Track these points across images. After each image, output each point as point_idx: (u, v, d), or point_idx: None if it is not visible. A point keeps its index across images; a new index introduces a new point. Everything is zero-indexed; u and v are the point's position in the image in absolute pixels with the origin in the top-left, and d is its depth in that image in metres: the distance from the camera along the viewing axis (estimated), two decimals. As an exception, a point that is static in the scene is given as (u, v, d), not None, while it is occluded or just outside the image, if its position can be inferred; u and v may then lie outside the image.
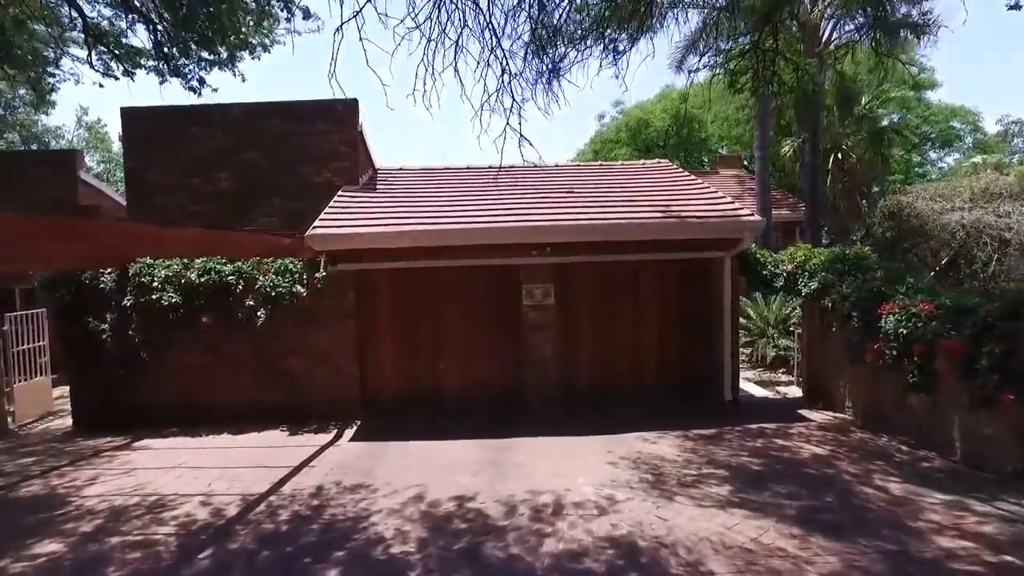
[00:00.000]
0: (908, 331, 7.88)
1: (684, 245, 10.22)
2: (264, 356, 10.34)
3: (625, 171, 13.36)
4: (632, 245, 10.13)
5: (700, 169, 24.27)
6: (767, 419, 9.57)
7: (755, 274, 10.44)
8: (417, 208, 10.64)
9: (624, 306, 10.73)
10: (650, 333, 10.76)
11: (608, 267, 10.56)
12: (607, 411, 10.11)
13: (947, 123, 27.87)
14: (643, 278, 10.71)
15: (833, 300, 9.48)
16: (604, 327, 10.70)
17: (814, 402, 10.52)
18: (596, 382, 10.71)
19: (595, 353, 10.70)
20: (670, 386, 10.74)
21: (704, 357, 10.76)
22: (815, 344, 10.59)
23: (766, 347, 14.88)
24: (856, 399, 9.47)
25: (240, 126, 12.00)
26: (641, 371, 10.75)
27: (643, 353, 10.76)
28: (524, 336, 10.37)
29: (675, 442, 8.54)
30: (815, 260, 10.28)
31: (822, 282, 9.80)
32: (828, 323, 10.03)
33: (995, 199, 17.81)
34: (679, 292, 10.77)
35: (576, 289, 10.62)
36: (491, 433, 9.17)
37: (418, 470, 7.64)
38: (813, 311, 10.55)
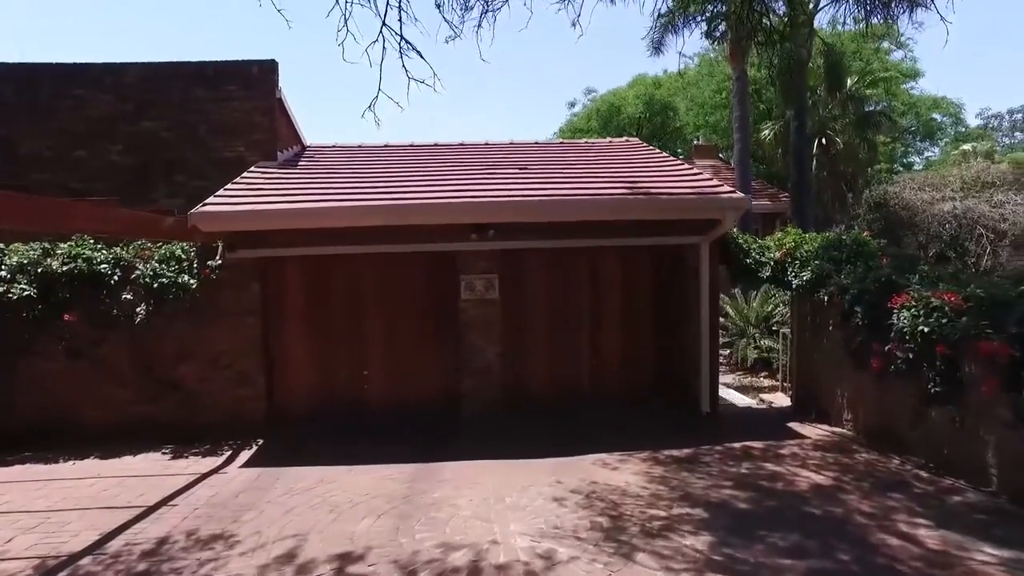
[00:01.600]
0: (929, 328, 6.20)
1: (654, 228, 8.50)
2: (147, 362, 8.38)
3: (590, 149, 11.61)
4: (593, 228, 8.38)
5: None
6: (752, 435, 7.85)
7: (737, 263, 8.73)
8: (341, 187, 8.77)
9: (584, 301, 8.96)
10: (615, 333, 9.00)
11: (564, 255, 8.80)
12: (562, 426, 8.33)
13: (929, 115, 26.72)
14: (606, 268, 8.95)
15: (830, 293, 7.81)
16: (560, 326, 8.92)
17: (805, 413, 8.84)
18: (550, 391, 8.93)
19: (549, 357, 8.92)
20: (638, 395, 8.99)
21: (678, 361, 9.04)
22: (807, 345, 8.92)
23: (747, 348, 13.24)
24: (858, 411, 7.79)
25: (136, 89, 10.04)
26: (604, 378, 8.99)
27: (607, 357, 8.99)
28: (463, 337, 8.55)
29: (641, 467, 6.77)
30: (807, 247, 8.61)
31: (816, 272, 8.13)
32: (823, 320, 8.35)
33: (987, 188, 16.40)
34: (649, 285, 9.03)
35: (526, 281, 8.84)
36: (417, 455, 7.35)
37: (306, 511, 5.78)
38: (804, 307, 8.88)
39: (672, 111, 23.68)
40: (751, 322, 13.89)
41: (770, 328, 13.59)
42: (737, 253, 8.71)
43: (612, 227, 8.47)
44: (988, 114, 28.99)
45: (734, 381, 12.53)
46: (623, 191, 8.17)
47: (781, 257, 8.56)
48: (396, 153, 11.31)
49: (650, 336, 9.01)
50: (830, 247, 8.45)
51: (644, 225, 8.45)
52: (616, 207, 7.93)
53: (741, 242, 8.81)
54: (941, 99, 26.67)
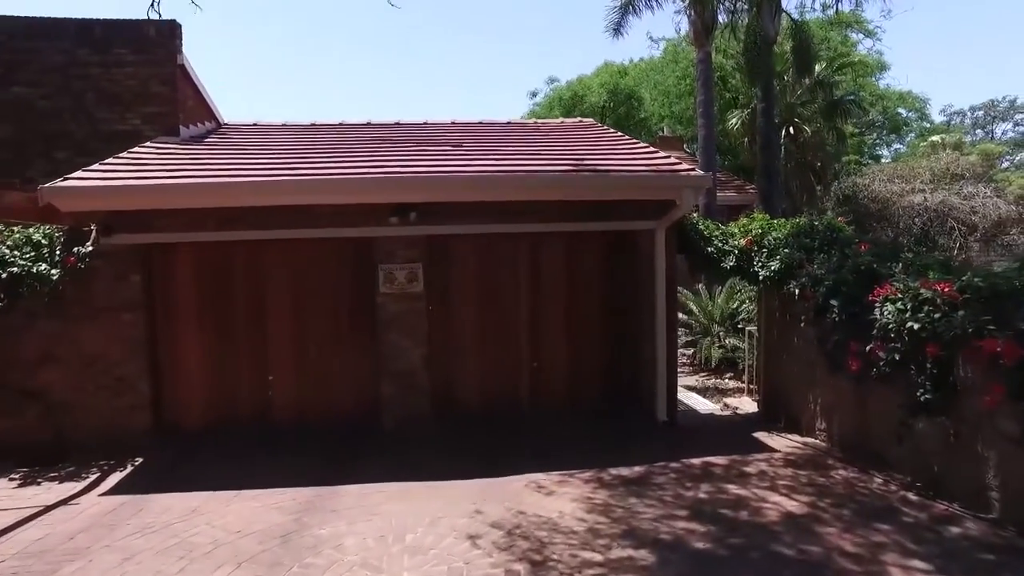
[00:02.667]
0: (919, 324, 5.18)
1: (603, 211, 7.40)
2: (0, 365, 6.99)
3: (538, 129, 10.47)
4: (533, 210, 7.25)
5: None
6: (714, 448, 6.79)
7: (697, 252, 7.66)
8: (246, 163, 7.47)
9: (524, 295, 7.82)
10: (559, 331, 7.87)
11: (501, 242, 7.64)
12: (496, 439, 7.17)
13: (895, 109, 26.28)
14: (550, 257, 7.82)
15: (802, 285, 6.78)
16: (496, 324, 7.77)
17: (773, 420, 7.82)
18: (484, 398, 7.77)
19: (484, 359, 7.76)
20: (586, 402, 7.89)
21: (631, 363, 7.95)
22: (775, 344, 7.90)
23: (711, 348, 12.24)
24: (834, 420, 6.78)
25: (5, 48, 8.58)
26: (547, 382, 7.86)
27: (550, 358, 7.86)
28: (382, 336, 7.33)
29: (582, 491, 5.65)
30: (775, 234, 7.59)
31: (786, 261, 7.10)
32: (794, 317, 7.33)
33: (957, 180, 15.75)
34: (599, 276, 7.92)
35: (457, 272, 7.66)
36: (320, 475, 6.12)
37: (149, 558, 4.51)
38: (772, 301, 7.86)
39: (637, 100, 22.74)
40: (715, 319, 12.90)
41: (736, 326, 12.63)
42: (697, 241, 7.65)
43: (556, 210, 7.35)
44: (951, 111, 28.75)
45: (697, 383, 11.52)
46: (567, 167, 7.04)
47: (747, 245, 7.52)
48: (322, 131, 10.01)
49: (599, 335, 7.91)
50: (801, 234, 7.44)
51: (592, 207, 7.35)
52: (559, 184, 6.79)
53: (702, 228, 7.75)
54: (907, 93, 26.28)
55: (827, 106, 16.04)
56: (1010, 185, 16.39)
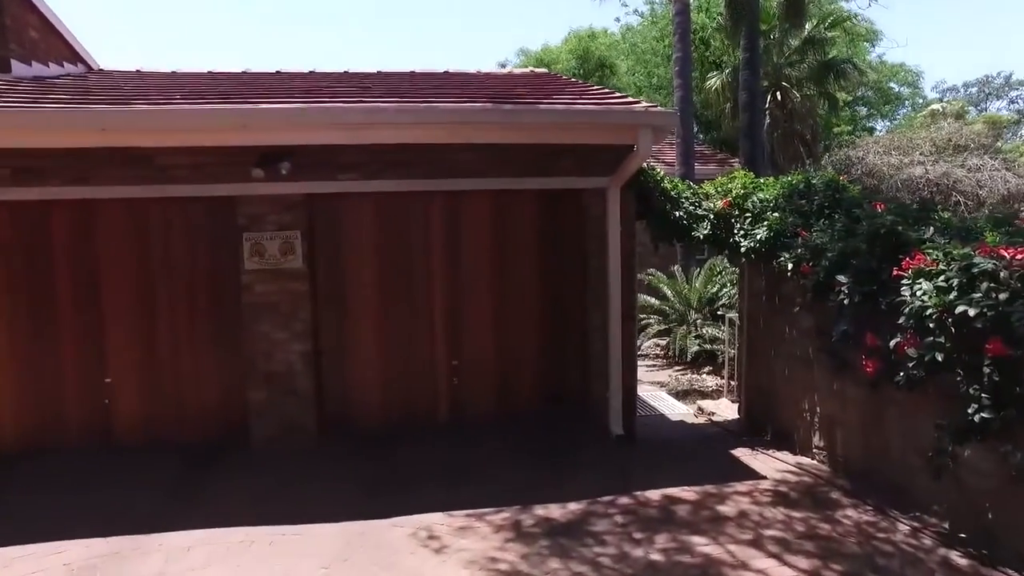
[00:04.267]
0: (976, 310, 3.46)
1: (541, 163, 5.63)
2: None
3: (478, 78, 8.60)
4: (449, 163, 5.48)
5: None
6: (681, 472, 5.08)
7: (662, 217, 5.88)
8: (72, 102, 5.60)
9: (439, 273, 6.02)
10: (485, 320, 6.10)
11: (410, 204, 5.85)
12: (396, 463, 5.41)
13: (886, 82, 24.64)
14: (473, 224, 6.03)
15: (797, 258, 5.06)
16: (404, 311, 5.98)
17: (758, 432, 6.14)
18: (387, 408, 5.99)
19: (386, 357, 5.97)
20: (521, 411, 6.14)
21: (579, 361, 6.22)
22: (761, 336, 6.18)
23: (686, 338, 10.55)
24: (837, 436, 5.08)
25: None
26: (470, 387, 6.09)
27: (474, 356, 6.09)
28: (249, 326, 5.53)
29: (487, 544, 3.92)
30: (762, 194, 5.88)
31: (775, 228, 5.39)
32: (785, 299, 5.62)
33: (961, 152, 14.10)
34: (536, 249, 6.15)
35: (350, 242, 5.86)
36: (145, 518, 4.35)
37: None
38: (757, 281, 6.15)
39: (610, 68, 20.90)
40: (692, 305, 11.21)
41: (715, 313, 10.95)
42: (662, 203, 5.89)
43: (479, 162, 5.58)
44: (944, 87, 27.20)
45: (670, 380, 9.83)
46: (488, 104, 5.25)
47: (725, 208, 5.79)
48: (218, 79, 8.12)
49: (537, 325, 6.14)
50: (795, 194, 5.72)
51: (527, 160, 5.58)
52: (468, 120, 5.01)
53: (667, 187, 5.99)
54: (899, 67, 24.62)
55: (819, 67, 14.23)
56: (1021, 156, 14.73)
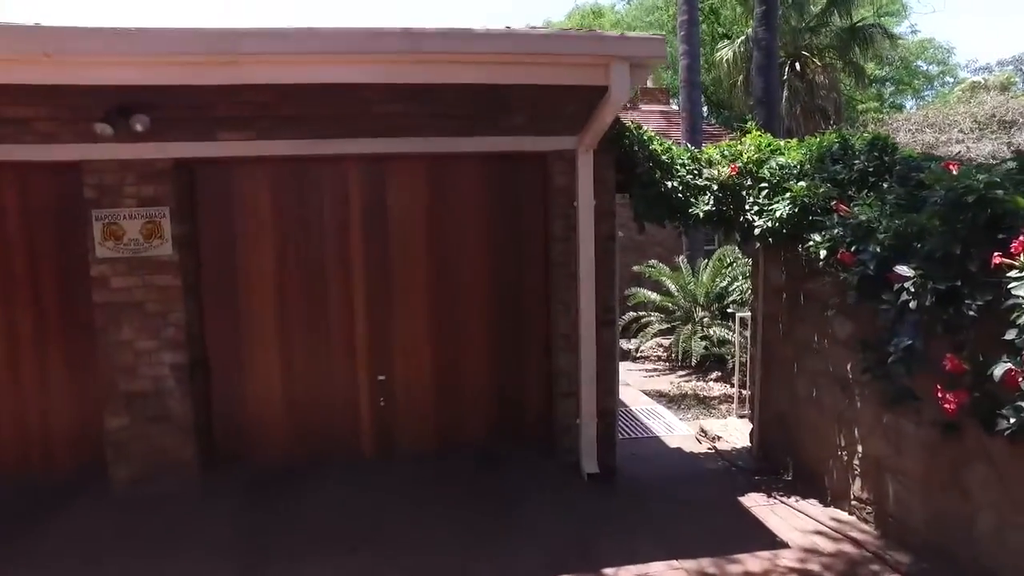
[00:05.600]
0: None
1: (485, 117, 4.22)
2: None
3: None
4: (369, 117, 4.10)
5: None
6: (671, 536, 3.65)
7: (650, 188, 4.39)
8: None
9: (359, 265, 4.52)
10: (420, 326, 4.62)
11: (319, 171, 4.43)
12: (295, 514, 4.03)
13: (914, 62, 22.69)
14: (401, 200, 4.55)
15: (832, 241, 3.59)
16: (311, 312, 4.52)
17: (774, 465, 4.69)
18: (295, 439, 4.57)
19: (292, 373, 4.54)
20: (468, 443, 4.69)
21: (540, 379, 4.76)
22: (781, 344, 4.71)
23: (691, 339, 9.09)
24: (889, 490, 3.58)
25: None
26: (401, 411, 4.65)
27: (407, 371, 4.62)
28: (106, 332, 4.17)
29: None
30: (783, 158, 4.39)
31: (803, 201, 3.92)
32: (814, 297, 4.14)
33: (1007, 128, 12.43)
34: (485, 231, 4.66)
35: (240, 221, 4.43)
36: None
37: None
38: (776, 272, 4.68)
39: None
40: (699, 302, 9.74)
41: (724, 310, 9.48)
42: (650, 171, 4.41)
43: (407, 118, 4.18)
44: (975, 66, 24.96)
45: (671, 388, 8.39)
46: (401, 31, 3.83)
47: (732, 175, 4.32)
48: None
49: (489, 333, 4.68)
50: (828, 157, 4.24)
51: (467, 113, 4.17)
52: (376, 45, 3.57)
53: (658, 149, 4.52)
54: (928, 42, 22.57)
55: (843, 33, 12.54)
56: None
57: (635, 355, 10.16)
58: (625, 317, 10.31)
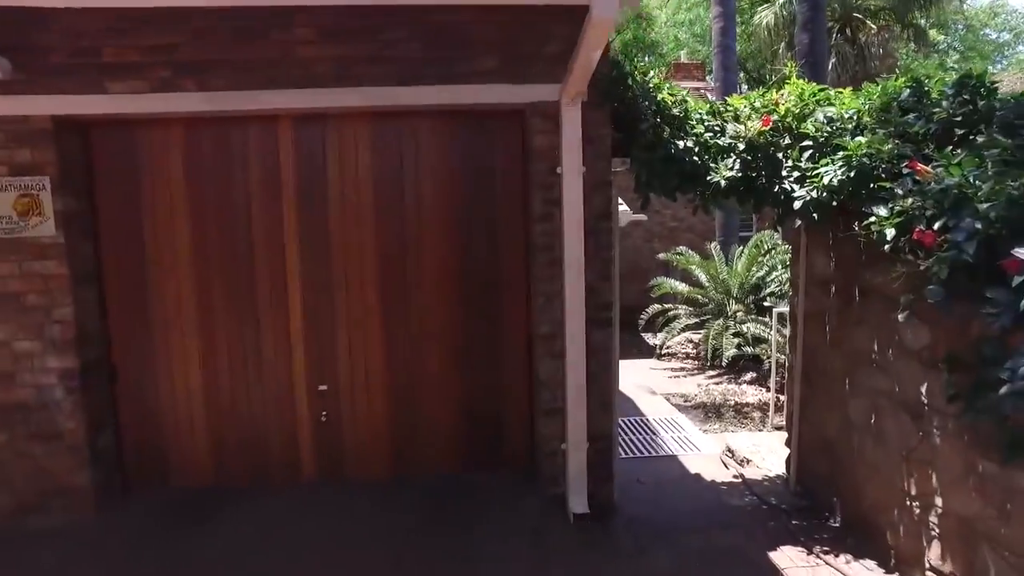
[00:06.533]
0: None
1: (445, 61, 3.26)
2: None
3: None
4: (299, 63, 3.20)
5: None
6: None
7: (655, 150, 3.36)
8: None
9: (294, 246, 3.63)
10: (370, 322, 3.68)
11: (241, 133, 3.53)
12: (208, 557, 3.20)
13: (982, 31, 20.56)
14: (343, 167, 3.61)
15: (906, 215, 2.53)
16: (238, 306, 3.64)
17: (817, 504, 3.65)
18: (219, 460, 3.71)
19: (213, 378, 3.69)
20: (428, 468, 3.76)
21: (518, 391, 3.81)
22: (830, 353, 3.63)
23: (722, 335, 7.97)
24: (988, 562, 2.50)
25: None
26: (347, 426, 3.76)
27: (353, 378, 3.73)
28: (-31, 333, 3.40)
29: None
30: (833, 109, 3.30)
31: (862, 161, 2.85)
32: (877, 293, 3.07)
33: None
34: (448, 207, 3.70)
35: (141, 194, 3.59)
36: None
37: None
38: (823, 259, 3.61)
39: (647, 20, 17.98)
40: (732, 294, 8.60)
41: (761, 303, 8.33)
42: (657, 127, 3.35)
43: (347, 63, 3.27)
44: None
45: (699, 392, 7.33)
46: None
47: (765, 131, 3.26)
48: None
49: (455, 334, 3.74)
50: (894, 106, 3.14)
51: (421, 56, 3.24)
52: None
53: (667, 100, 3.47)
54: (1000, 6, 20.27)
55: (902, -9, 11.01)
56: None
57: (660, 352, 9.09)
58: (649, 310, 9.25)
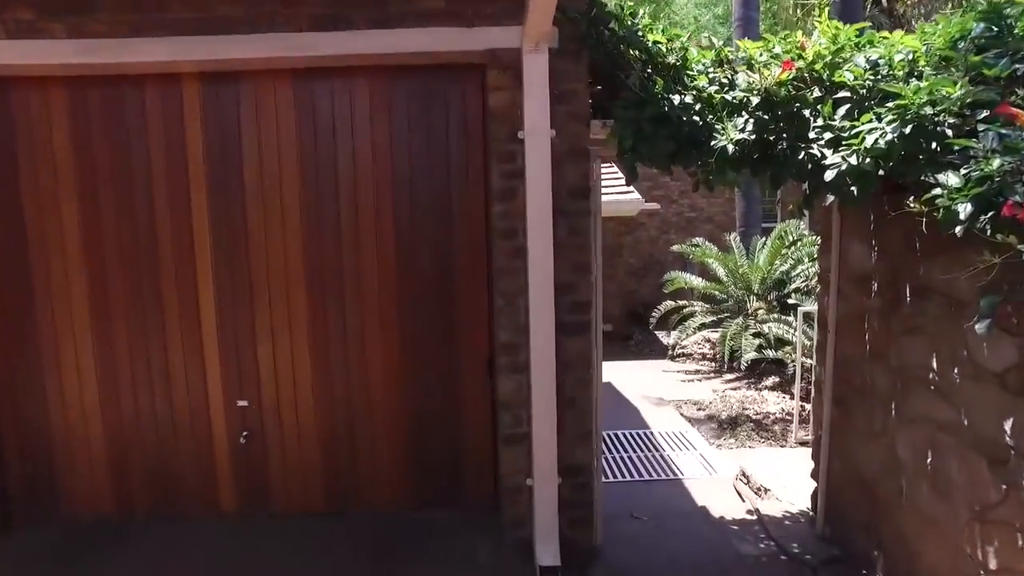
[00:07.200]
0: None
1: None
2: None
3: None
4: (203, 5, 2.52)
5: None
6: None
7: (643, 107, 2.58)
8: None
9: (202, 230, 2.95)
10: (296, 324, 3.00)
11: (138, 92, 2.87)
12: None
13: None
14: (262, 136, 2.94)
15: (989, 181, 1.76)
16: (139, 302, 2.97)
17: (850, 555, 2.88)
18: (122, 486, 3.07)
19: (112, 391, 3.04)
20: (367, 498, 3.09)
21: (476, 411, 3.10)
22: (869, 368, 2.85)
23: (741, 335, 7.16)
24: None
25: None
26: (270, 450, 3.09)
27: (278, 392, 3.04)
28: None
29: None
30: (876, 52, 2.52)
31: (926, 111, 2.08)
32: (937, 294, 2.27)
33: None
34: (395, 181, 2.99)
35: (24, 169, 2.89)
36: None
37: None
38: (861, 249, 2.83)
39: (666, 0, 17.04)
40: (752, 290, 7.77)
41: (784, 300, 7.48)
42: (643, 79, 2.61)
43: (260, 4, 2.59)
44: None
45: (714, 398, 6.53)
46: None
47: (784, 79, 2.50)
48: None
49: (399, 340, 3.01)
50: (961, 44, 2.35)
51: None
52: None
53: (660, 44, 2.71)
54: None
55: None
56: None
57: (673, 353, 8.30)
58: (661, 307, 8.46)
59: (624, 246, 10.15)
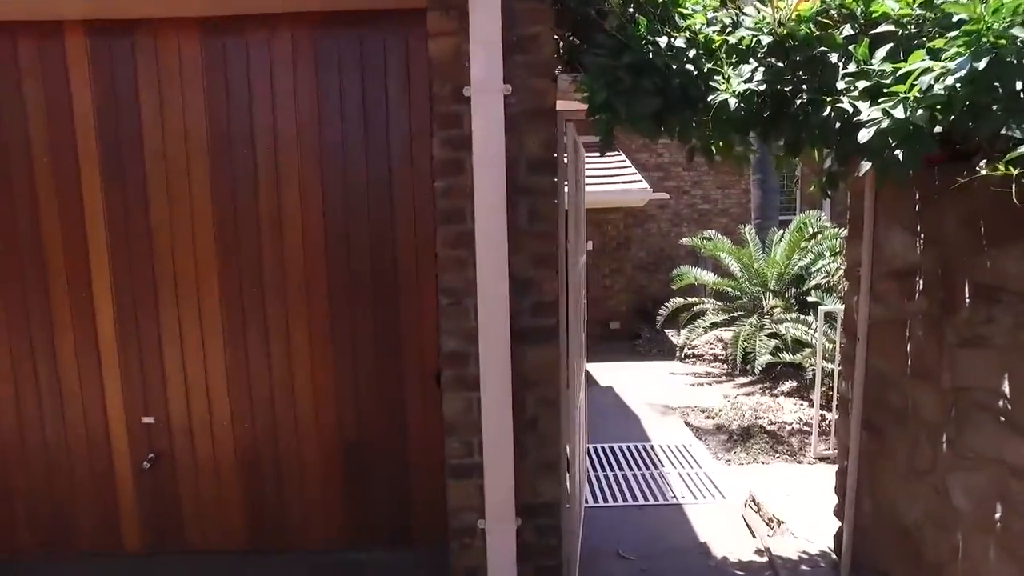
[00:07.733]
0: None
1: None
2: None
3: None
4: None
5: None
6: None
7: (622, 54, 2.03)
8: None
9: (94, 215, 2.41)
10: (209, 326, 2.48)
11: (19, 49, 2.38)
12: None
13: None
14: (172, 101, 2.38)
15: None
16: (23, 305, 2.47)
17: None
18: (12, 521, 2.67)
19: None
20: (293, 535, 2.57)
21: (423, 426, 2.53)
22: (908, 387, 2.27)
23: (755, 336, 6.53)
24: None
25: None
26: (182, 479, 2.56)
27: (189, 407, 2.54)
28: None
29: None
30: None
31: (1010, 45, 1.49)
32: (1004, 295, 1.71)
33: None
34: (323, 156, 2.44)
35: None
36: None
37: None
38: (899, 236, 2.25)
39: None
40: (768, 286, 7.13)
41: (803, 298, 6.84)
42: (622, 21, 2.06)
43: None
44: None
45: (724, 405, 5.92)
46: None
47: (807, 12, 1.94)
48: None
49: (330, 348, 2.47)
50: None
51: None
52: None
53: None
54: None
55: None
56: None
57: (682, 354, 7.69)
58: (669, 304, 7.85)
59: (632, 239, 9.54)
